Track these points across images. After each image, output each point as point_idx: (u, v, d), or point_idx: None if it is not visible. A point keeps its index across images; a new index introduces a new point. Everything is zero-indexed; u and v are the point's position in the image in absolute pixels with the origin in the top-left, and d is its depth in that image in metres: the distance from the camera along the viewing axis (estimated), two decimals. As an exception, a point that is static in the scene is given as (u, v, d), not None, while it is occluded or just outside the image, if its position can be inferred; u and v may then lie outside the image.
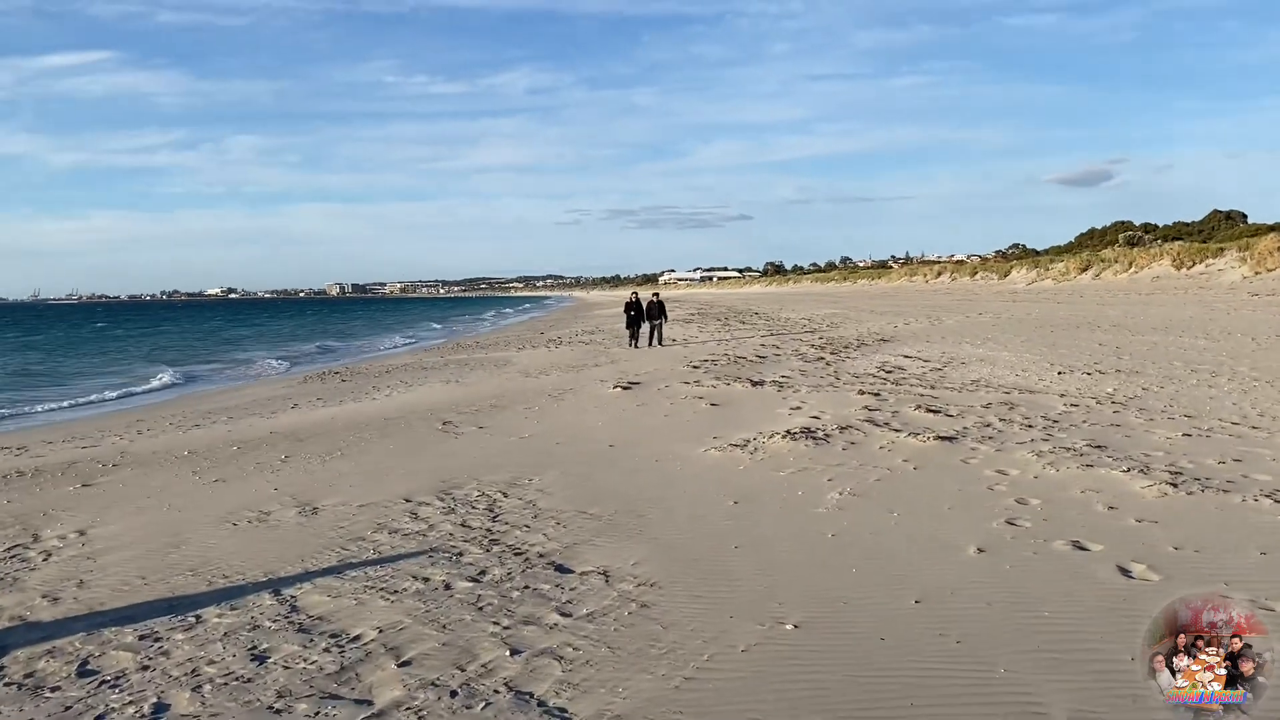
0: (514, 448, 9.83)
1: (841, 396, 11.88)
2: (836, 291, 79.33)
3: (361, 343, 41.66)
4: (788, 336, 24.35)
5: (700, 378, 14.91)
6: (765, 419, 10.55)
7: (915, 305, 39.48)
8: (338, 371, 22.02)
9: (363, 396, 15.87)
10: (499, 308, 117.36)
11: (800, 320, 32.87)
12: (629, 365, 18.41)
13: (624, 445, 9.62)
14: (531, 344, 28.78)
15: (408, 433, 11.22)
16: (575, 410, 12.37)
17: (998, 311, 30.22)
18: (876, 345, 19.82)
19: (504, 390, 15.28)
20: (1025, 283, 50.41)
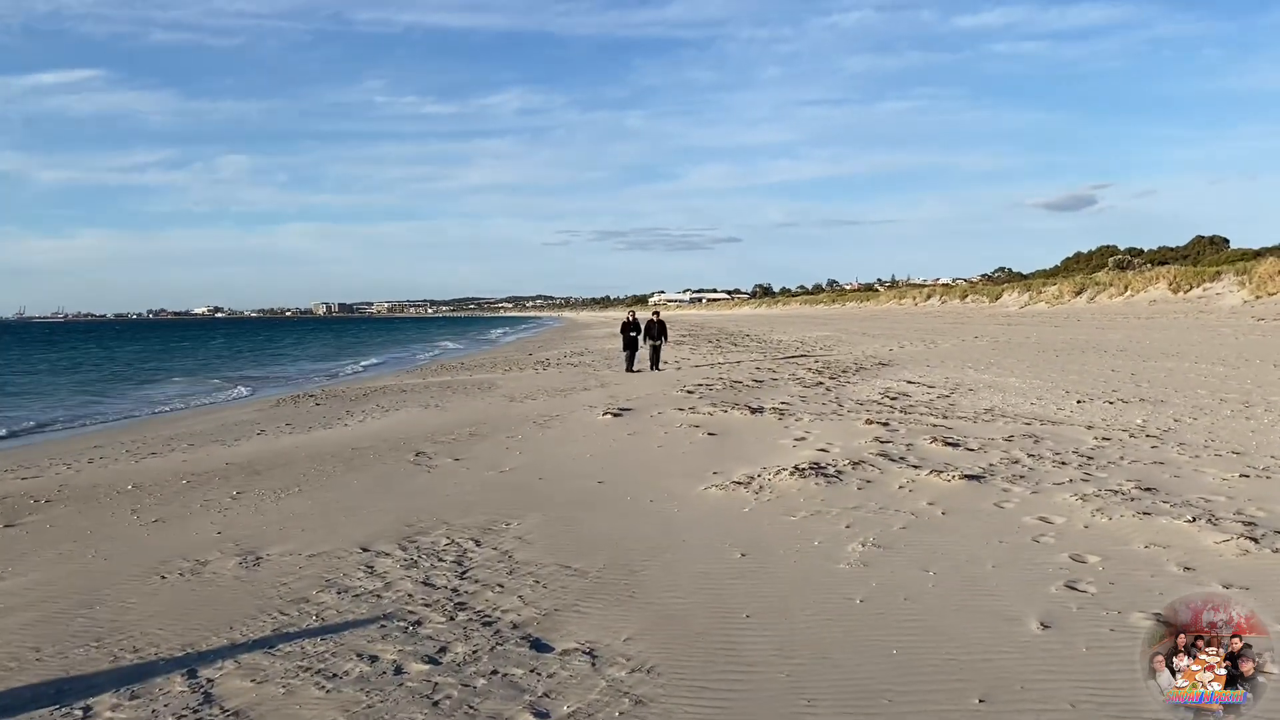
0: (492, 484, 8.93)
1: (848, 426, 11.09)
2: (826, 314, 79.01)
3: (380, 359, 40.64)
4: (782, 360, 23.60)
5: (695, 404, 14.07)
6: (769, 451, 9.74)
7: (907, 328, 38.97)
8: (313, 395, 20.99)
9: (334, 422, 14.93)
10: (500, 326, 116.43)
11: (793, 343, 32.19)
12: (620, 389, 17.59)
13: (615, 482, 8.74)
14: (518, 365, 27.90)
15: (376, 465, 10.33)
16: (562, 440, 11.55)
17: (994, 335, 29.54)
18: (875, 369, 19.08)
19: (485, 417, 14.40)
20: (1017, 306, 49.83)
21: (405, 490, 8.82)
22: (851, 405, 13.10)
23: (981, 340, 27.00)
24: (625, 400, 15.26)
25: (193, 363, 43.81)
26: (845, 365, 20.30)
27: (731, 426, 11.66)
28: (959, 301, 62.46)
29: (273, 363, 42.64)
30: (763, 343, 33.50)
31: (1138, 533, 6.13)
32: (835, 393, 14.87)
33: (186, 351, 57.40)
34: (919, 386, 15.12)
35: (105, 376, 34.69)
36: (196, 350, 59.79)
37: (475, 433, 12.50)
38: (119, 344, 74.80)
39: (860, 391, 14.86)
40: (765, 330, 46.12)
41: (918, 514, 6.88)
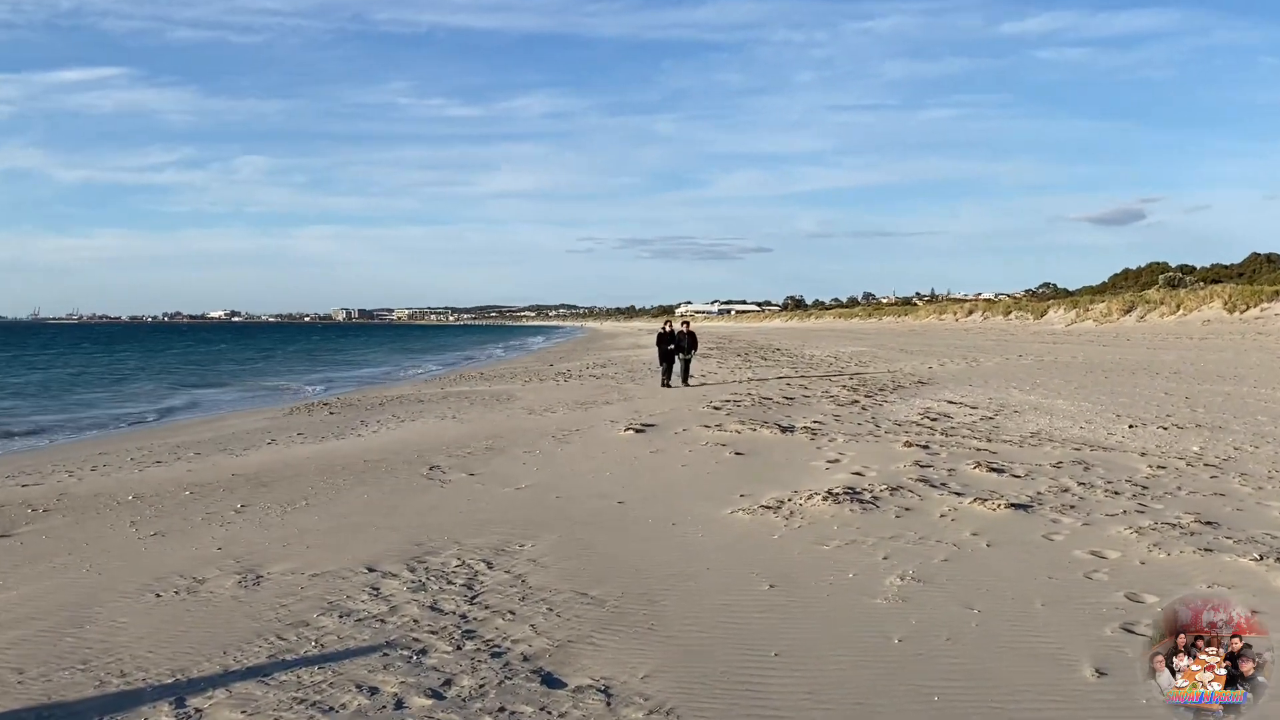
0: (507, 501, 8.84)
1: (885, 448, 10.90)
2: (861, 328, 78.59)
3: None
4: (815, 376, 23.38)
5: (723, 420, 13.90)
6: (800, 473, 9.57)
7: (947, 344, 38.66)
8: (327, 403, 21.05)
9: (347, 432, 14.94)
10: (531, 335, 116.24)
11: (826, 358, 31.94)
12: (643, 404, 17.47)
13: (636, 502, 8.61)
14: (539, 376, 27.93)
15: (388, 478, 10.26)
16: (581, 455, 11.45)
17: (1039, 353, 29.11)
18: (914, 388, 18.82)
19: (503, 429, 14.34)
20: (1064, 323, 49.16)
21: (416, 506, 8.74)
22: (889, 426, 12.89)
23: (1026, 359, 26.61)
24: (649, 415, 15.17)
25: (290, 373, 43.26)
26: (882, 383, 20.05)
27: (760, 446, 11.51)
28: (1002, 318, 61.87)
29: (363, 364, 43.78)
30: (794, 357, 33.31)
31: (1199, 571, 5.86)
32: (871, 412, 14.67)
33: (258, 358, 57.34)
34: (961, 407, 14.89)
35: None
36: (268, 355, 60.20)
37: (492, 446, 12.46)
38: (160, 347, 75.71)
39: (898, 411, 14.65)
40: (797, 344, 45.91)
41: (960, 545, 6.66)
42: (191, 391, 29.47)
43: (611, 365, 33.21)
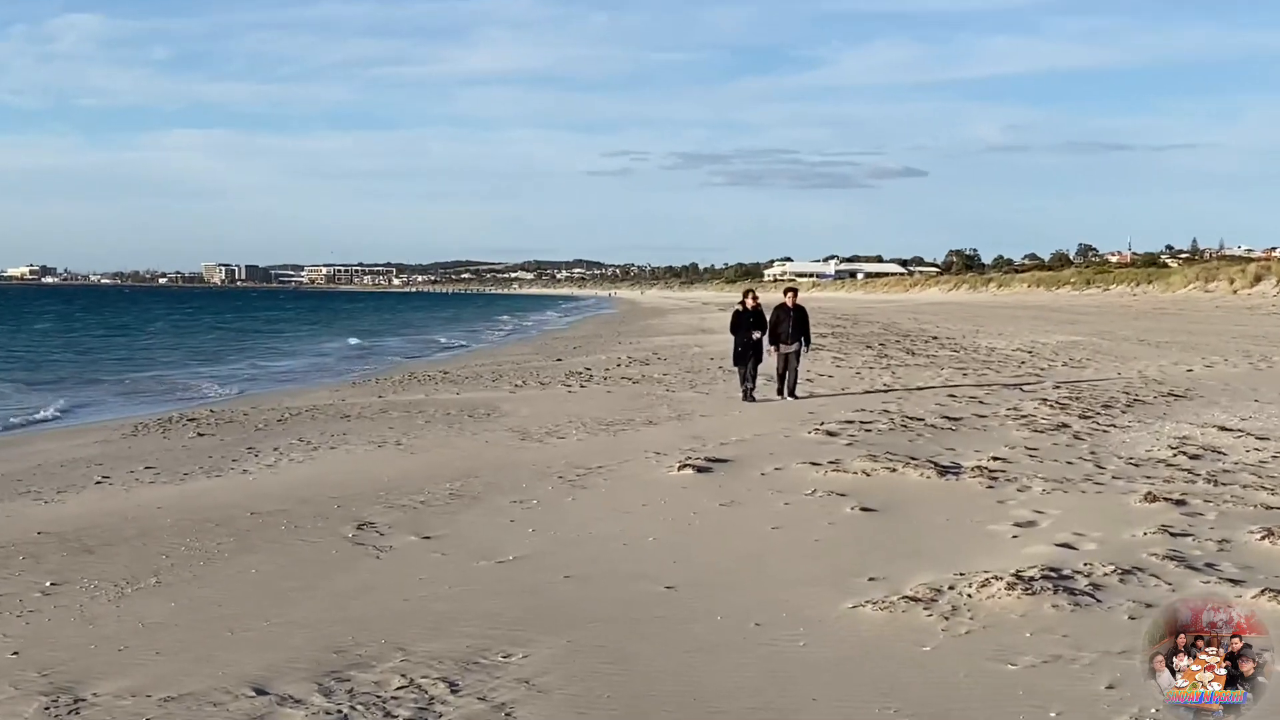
0: (483, 583, 8.89)
1: (1112, 504, 10.84)
2: (1074, 304, 77.54)
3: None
4: (996, 382, 23.20)
5: (841, 455, 13.86)
6: (969, 544, 9.55)
7: (1219, 332, 38.37)
8: (194, 417, 21.21)
9: (226, 466, 15.11)
10: (523, 309, 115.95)
11: (1015, 353, 31.73)
12: (710, 425, 17.42)
13: (694, 587, 8.59)
14: (538, 378, 28.01)
15: (289, 543, 10.38)
16: (606, 509, 11.49)
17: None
18: (1162, 404, 18.66)
19: (478, 464, 14.42)
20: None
21: (337, 589, 8.75)
22: (1119, 467, 12.81)
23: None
24: (718, 444, 15.09)
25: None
26: (1108, 395, 19.87)
27: (904, 497, 11.48)
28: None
29: (252, 353, 44.79)
30: (961, 350, 33.13)
31: None
32: (1090, 443, 14.56)
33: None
34: (1242, 437, 14.75)
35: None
36: (99, 337, 60.84)
37: (459, 491, 12.50)
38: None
39: (1135, 443, 14.53)
40: (966, 329, 45.73)
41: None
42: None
43: (658, 360, 33.07)
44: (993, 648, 6.98)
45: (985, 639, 7.16)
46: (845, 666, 6.81)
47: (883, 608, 7.82)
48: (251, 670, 6.93)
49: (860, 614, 7.77)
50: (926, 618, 7.58)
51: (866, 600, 8.00)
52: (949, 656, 6.90)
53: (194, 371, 38.65)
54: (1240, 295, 67.15)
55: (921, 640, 7.20)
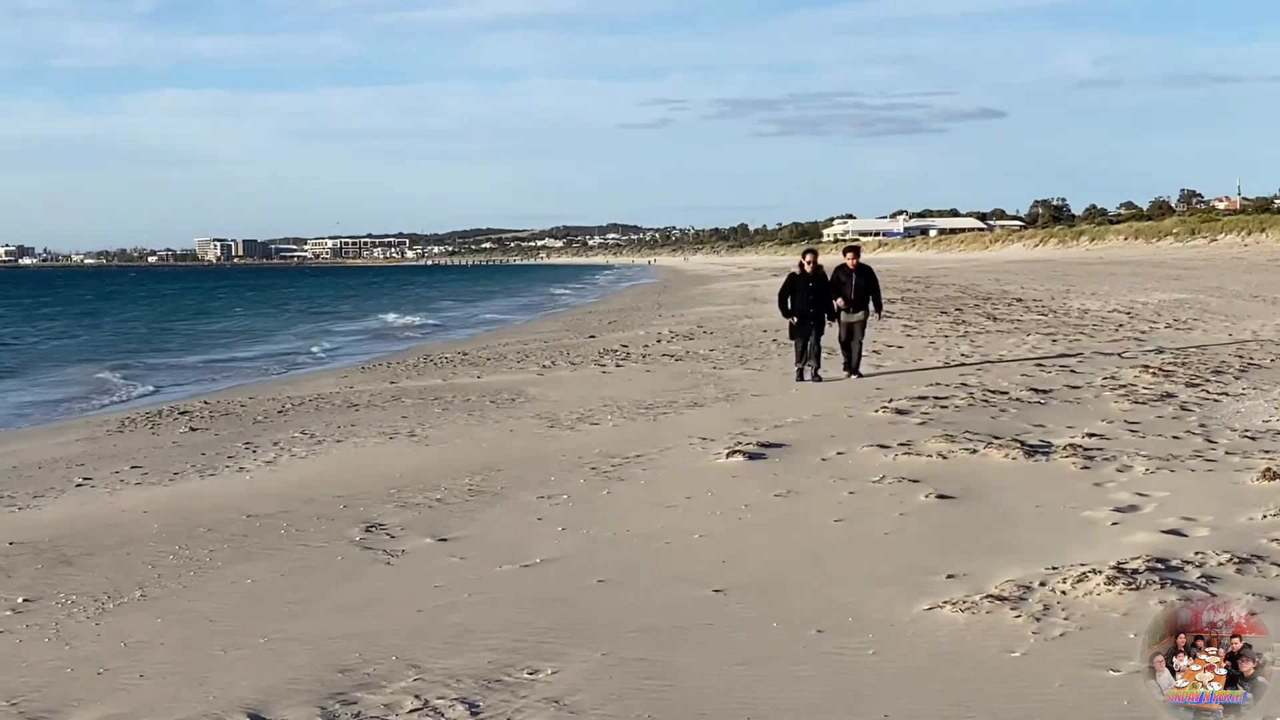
0: (506, 589, 8.85)
1: (1225, 483, 10.77)
2: (1177, 257, 77.16)
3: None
4: (1089, 348, 23.08)
5: (913, 435, 13.81)
6: (1062, 533, 9.45)
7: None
8: (186, 410, 21.25)
9: (220, 465, 15.15)
10: (551, 280, 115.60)
11: (1112, 314, 31.70)
12: (762, 406, 17.39)
13: (746, 589, 8.53)
14: (569, 358, 28.04)
15: (289, 549, 10.39)
16: (646, 503, 11.46)
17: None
18: (1279, 367, 18.59)
19: (500, 456, 14.42)
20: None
21: (341, 600, 8.76)
22: (1232, 441, 12.74)
23: None
24: (772, 427, 15.08)
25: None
26: (1218, 360, 19.76)
27: (985, 482, 11.41)
28: None
29: (254, 339, 43.90)
30: (1050, 314, 33.02)
31: None
32: (1198, 414, 14.52)
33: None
34: None
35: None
36: (86, 323, 61.40)
37: (479, 487, 12.51)
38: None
39: (1250, 412, 14.52)
40: (1055, 289, 45.54)
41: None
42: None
43: (703, 334, 33.08)
44: (1092, 652, 6.86)
45: (1083, 642, 7.03)
46: (922, 677, 6.72)
47: (963, 609, 7.71)
48: (247, 694, 6.90)
49: (938, 617, 7.67)
50: (1015, 619, 7.46)
51: (945, 601, 7.89)
52: (1041, 663, 6.79)
53: (185, 361, 38.81)
54: None
55: (1009, 645, 7.08)
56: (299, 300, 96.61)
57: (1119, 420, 14.26)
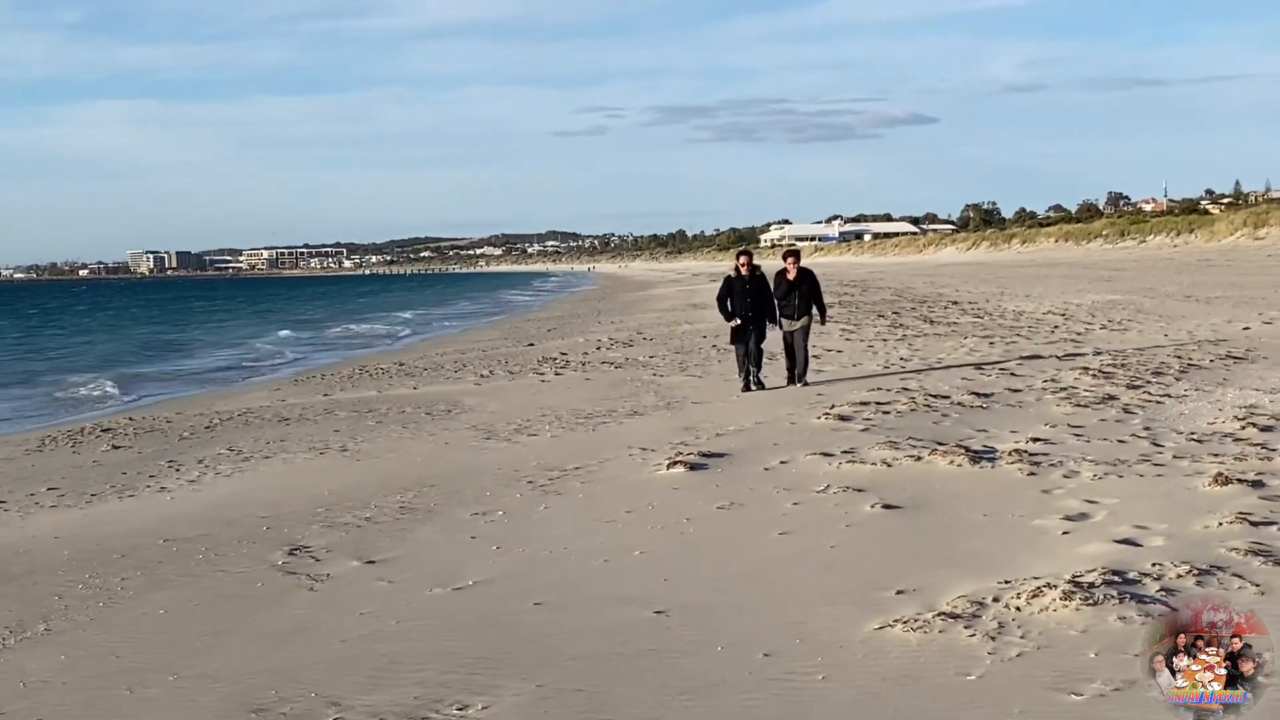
0: (436, 615, 8.56)
1: (1176, 488, 10.63)
2: (1108, 258, 78.21)
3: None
4: (1028, 350, 23.13)
5: (857, 442, 13.69)
6: (1013, 544, 9.26)
7: (1274, 284, 38.40)
8: (110, 427, 20.89)
9: (141, 485, 14.88)
10: (490, 288, 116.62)
11: (1047, 316, 31.85)
12: (704, 414, 17.28)
13: (687, 610, 8.25)
14: (507, 367, 27.99)
15: (208, 575, 10.13)
16: (583, 518, 11.27)
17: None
18: (1220, 367, 18.61)
19: (436, 470, 14.28)
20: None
21: (260, 630, 8.48)
22: (1179, 444, 12.64)
23: None
24: (713, 435, 14.96)
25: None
26: (1157, 361, 19.75)
27: (931, 490, 11.26)
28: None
29: (189, 350, 43.38)
30: (986, 316, 33.21)
31: None
32: (1142, 417, 14.46)
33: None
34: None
35: None
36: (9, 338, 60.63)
37: (411, 504, 12.36)
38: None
39: (1194, 414, 14.41)
40: (989, 291, 45.89)
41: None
42: None
43: (642, 341, 33.12)
44: (1051, 674, 6.62)
45: (1041, 662, 6.79)
46: (873, 704, 6.47)
47: (916, 628, 7.45)
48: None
49: (889, 636, 7.41)
50: (969, 638, 7.21)
51: (896, 619, 7.64)
52: (998, 686, 6.55)
53: (112, 374, 38.23)
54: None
55: (965, 667, 6.83)
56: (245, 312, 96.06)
57: (1062, 424, 14.20)
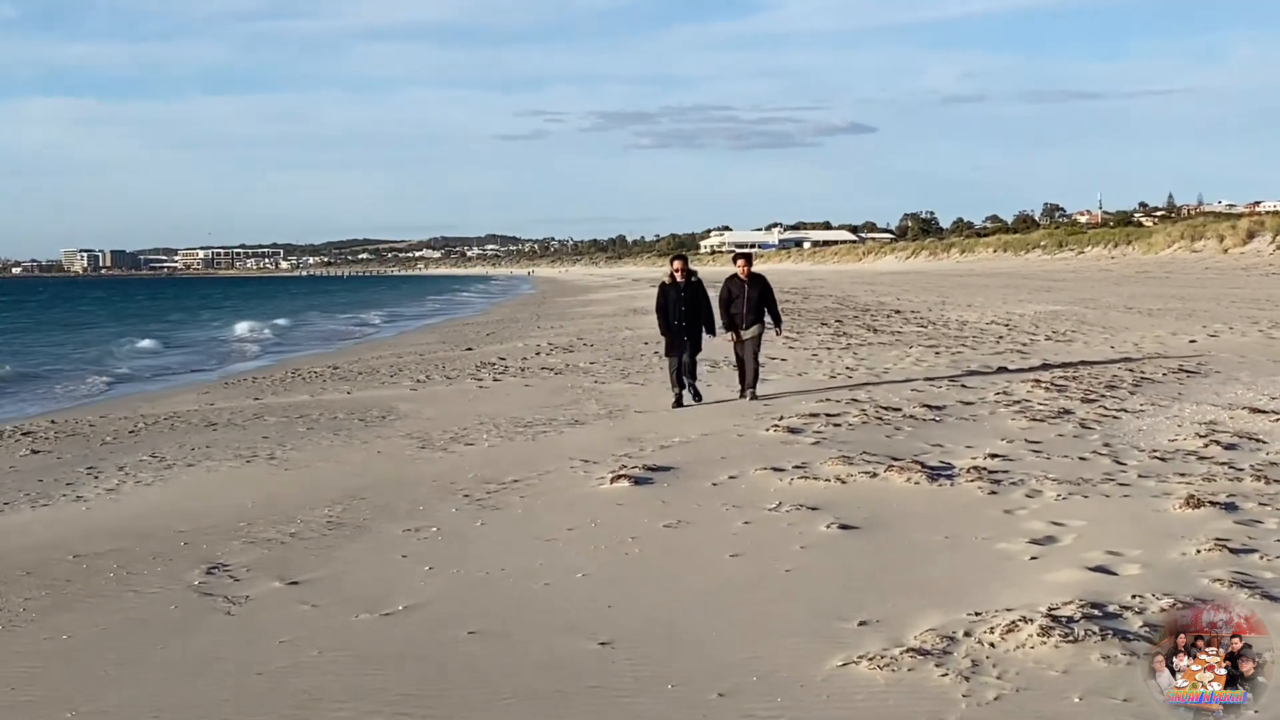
0: (362, 644, 8.00)
1: (1145, 510, 10.30)
2: (1046, 269, 78.85)
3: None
4: (974, 360, 22.98)
5: (807, 456, 13.28)
6: (979, 569, 8.87)
7: (1216, 296, 38.89)
8: (30, 430, 20.11)
9: (58, 492, 14.19)
10: (429, 291, 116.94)
11: (991, 326, 31.86)
12: (646, 423, 16.89)
13: (634, 641, 7.75)
14: (444, 372, 27.57)
15: (118, 595, 9.51)
16: (522, 535, 10.77)
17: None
18: (1172, 381, 18.53)
19: (367, 480, 13.75)
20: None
21: (168, 660, 7.88)
22: (1141, 461, 12.39)
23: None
24: (658, 447, 14.57)
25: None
26: (1109, 374, 19.60)
27: (888, 509, 10.87)
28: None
29: (112, 352, 42.72)
30: (929, 325, 33.22)
31: None
32: (1099, 432, 14.22)
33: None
34: (1278, 420, 14.40)
35: None
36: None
37: (339, 519, 11.82)
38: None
39: (1153, 430, 14.22)
40: (930, 300, 46.12)
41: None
42: None
43: (583, 346, 32.97)
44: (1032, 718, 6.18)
45: (1022, 706, 6.33)
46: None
47: (882, 665, 6.95)
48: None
49: (854, 675, 6.89)
50: (941, 678, 6.71)
51: (860, 655, 7.14)
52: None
53: (29, 374, 37.35)
54: (1232, 255, 68.79)
55: (939, 711, 6.35)
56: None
57: (1019, 439, 13.88)
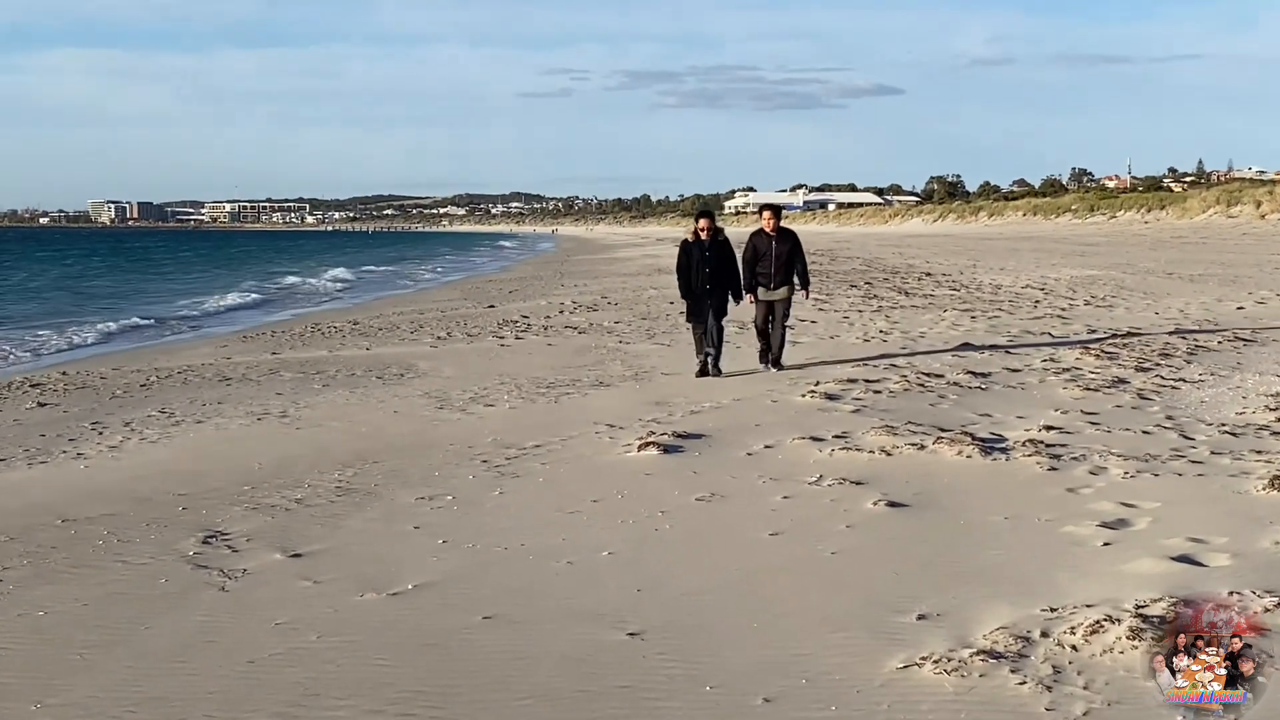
0: (367, 629, 7.36)
1: (1224, 490, 9.54)
2: (1077, 233, 78.67)
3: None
4: (1014, 324, 22.38)
5: (848, 425, 12.66)
6: (1047, 556, 8.09)
7: (1256, 262, 38.42)
8: (40, 382, 19.76)
9: (59, 449, 13.68)
10: (453, 247, 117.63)
11: (1026, 290, 31.30)
12: (674, 386, 16.31)
13: (666, 633, 7.06)
14: (465, 329, 27.13)
15: (106, 566, 8.91)
16: (544, 506, 10.14)
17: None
18: (1230, 350, 17.79)
19: (381, 442, 13.21)
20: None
21: (153, 644, 7.24)
22: (1211, 436, 11.65)
23: None
24: (688, 412, 13.97)
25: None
26: (1160, 341, 18.93)
27: (940, 484, 10.17)
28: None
29: (139, 300, 42.36)
30: (963, 289, 32.71)
31: None
32: (1160, 404, 13.49)
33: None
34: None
35: None
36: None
37: (349, 484, 11.23)
38: None
39: (1217, 402, 13.51)
40: (961, 264, 45.71)
41: None
42: None
43: (608, 305, 32.64)
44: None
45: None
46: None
47: (949, 669, 6.18)
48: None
49: (917, 679, 6.13)
50: (1018, 686, 5.94)
51: (922, 656, 6.37)
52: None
53: (55, 325, 36.99)
54: (1270, 221, 68.14)
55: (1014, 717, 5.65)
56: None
57: (1074, 410, 13.16)
